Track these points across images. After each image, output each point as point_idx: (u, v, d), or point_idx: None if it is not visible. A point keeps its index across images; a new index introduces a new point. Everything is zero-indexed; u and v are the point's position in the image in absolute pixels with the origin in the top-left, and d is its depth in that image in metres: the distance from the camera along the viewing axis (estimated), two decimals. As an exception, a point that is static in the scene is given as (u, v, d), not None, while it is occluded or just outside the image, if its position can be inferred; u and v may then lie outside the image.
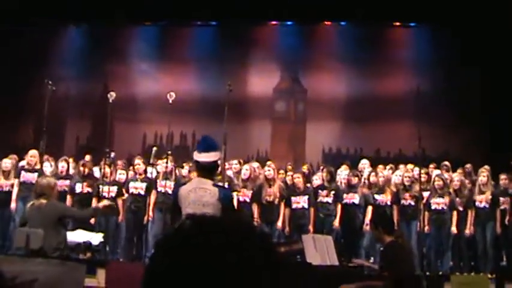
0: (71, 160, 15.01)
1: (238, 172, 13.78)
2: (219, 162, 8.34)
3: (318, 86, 19.56)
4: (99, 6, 18.72)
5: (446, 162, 15.05)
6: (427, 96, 16.72)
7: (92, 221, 12.95)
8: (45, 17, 19.27)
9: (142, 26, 21.20)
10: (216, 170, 8.47)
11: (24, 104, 19.66)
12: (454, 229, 13.10)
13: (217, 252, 1.29)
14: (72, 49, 20.95)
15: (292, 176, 14.01)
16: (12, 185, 13.79)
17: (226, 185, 12.45)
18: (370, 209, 13.29)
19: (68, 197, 13.37)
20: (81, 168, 14.00)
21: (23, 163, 14.17)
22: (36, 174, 13.50)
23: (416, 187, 13.28)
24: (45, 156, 14.08)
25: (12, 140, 19.13)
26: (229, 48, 19.64)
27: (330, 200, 13.32)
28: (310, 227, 13.01)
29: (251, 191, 13.35)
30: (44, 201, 9.13)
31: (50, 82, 13.91)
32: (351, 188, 13.52)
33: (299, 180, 13.55)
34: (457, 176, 13.91)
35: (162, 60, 20.72)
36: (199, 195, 7.56)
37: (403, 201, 13.38)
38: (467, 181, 13.99)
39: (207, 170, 7.76)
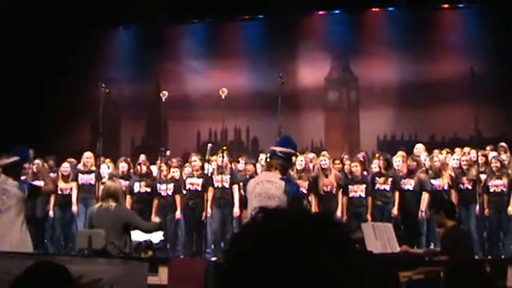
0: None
1: (294, 164, 13.78)
2: (293, 160, 8.51)
3: (369, 73, 19.41)
4: (145, 6, 18.85)
5: (503, 144, 14.80)
6: (480, 78, 16.43)
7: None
8: (94, 21, 19.50)
9: (190, 24, 21.31)
10: (289, 164, 8.61)
11: (79, 108, 19.93)
12: (510, 209, 12.90)
13: (289, 244, 1.29)
14: (123, 51, 21.19)
15: (349, 164, 13.95)
16: (71, 188, 14.02)
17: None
18: (426, 195, 13.12)
19: (128, 197, 13.51)
20: (139, 168, 14.15)
21: (79, 166, 14.41)
22: (92, 175, 13.73)
23: (474, 170, 13.08)
24: (102, 158, 14.27)
25: (69, 144, 19.40)
26: (278, 40, 19.62)
27: (387, 187, 13.24)
28: (368, 216, 12.95)
29: (307, 182, 13.36)
30: (113, 203, 9.24)
31: (104, 85, 14.07)
32: (409, 173, 13.39)
33: (357, 168, 13.50)
34: (514, 157, 13.70)
35: (212, 56, 20.77)
36: (265, 188, 7.68)
37: (460, 186, 13.22)
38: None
39: (283, 160, 7.88)
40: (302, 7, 19.04)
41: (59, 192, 14.10)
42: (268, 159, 8.51)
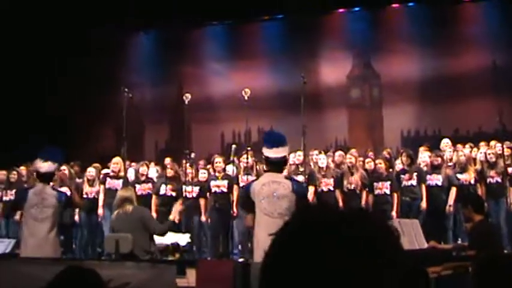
0: (152, 164, 15.26)
1: (317, 163, 13.77)
2: (287, 156, 8.46)
3: (391, 70, 19.36)
4: (164, 10, 18.92)
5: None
6: (503, 70, 16.34)
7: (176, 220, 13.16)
8: (113, 26, 19.61)
9: (210, 26, 21.36)
10: (285, 164, 8.60)
11: (103, 113, 20.05)
12: None
13: (303, 244, 1.27)
14: (144, 56, 21.32)
15: (374, 162, 13.90)
16: (97, 192, 14.07)
17: (307, 176, 12.50)
18: (454, 190, 13.03)
19: (154, 197, 13.55)
20: (166, 171, 14.14)
21: (106, 170, 14.45)
22: (120, 181, 13.73)
23: (501, 163, 12.97)
24: (128, 162, 14.31)
25: (94, 149, 19.53)
26: (298, 40, 19.62)
27: (414, 182, 13.17)
28: (394, 213, 12.89)
29: (332, 179, 13.33)
30: (129, 206, 9.31)
31: (126, 90, 14.12)
32: (434, 169, 13.31)
33: (381, 166, 13.44)
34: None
35: (233, 58, 20.82)
36: (272, 189, 7.68)
37: (489, 179, 13.10)
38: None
39: (277, 165, 7.89)
40: (321, 5, 19.04)
41: (84, 196, 14.18)
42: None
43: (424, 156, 13.70)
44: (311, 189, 12.88)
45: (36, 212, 9.14)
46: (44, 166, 9.41)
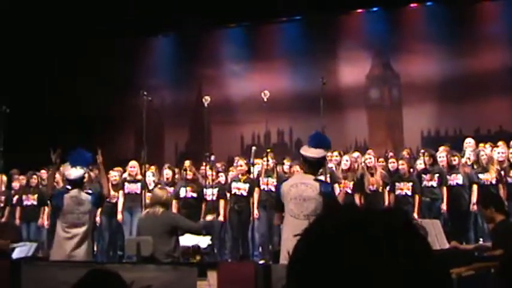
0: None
1: (339, 164, 13.74)
2: (326, 158, 8.43)
3: (411, 69, 19.27)
4: (182, 13, 18.95)
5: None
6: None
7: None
8: (132, 29, 19.66)
9: (228, 28, 21.37)
10: (321, 166, 8.55)
11: (122, 117, 20.11)
12: None
13: (322, 244, 1.27)
14: (163, 59, 21.35)
15: (396, 162, 13.87)
16: (118, 197, 14.12)
17: (328, 178, 12.47)
18: (475, 187, 12.95)
19: (174, 202, 13.58)
20: (184, 173, 14.18)
21: (125, 175, 14.50)
22: (138, 184, 13.78)
23: (521, 163, 12.90)
24: (147, 166, 14.35)
25: (115, 154, 19.57)
26: (317, 41, 19.59)
27: (434, 183, 13.12)
28: (415, 214, 12.83)
29: (352, 182, 13.31)
30: (161, 209, 9.33)
31: (145, 93, 14.16)
32: (452, 168, 13.25)
33: (403, 166, 13.41)
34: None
35: (252, 60, 20.82)
36: (300, 190, 7.65)
37: (508, 179, 13.03)
38: None
39: (311, 166, 7.86)
40: (339, 6, 19.00)
41: (107, 199, 14.23)
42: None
43: (441, 156, 13.65)
44: (336, 187, 12.84)
45: (73, 218, 9.22)
46: (73, 172, 9.49)
